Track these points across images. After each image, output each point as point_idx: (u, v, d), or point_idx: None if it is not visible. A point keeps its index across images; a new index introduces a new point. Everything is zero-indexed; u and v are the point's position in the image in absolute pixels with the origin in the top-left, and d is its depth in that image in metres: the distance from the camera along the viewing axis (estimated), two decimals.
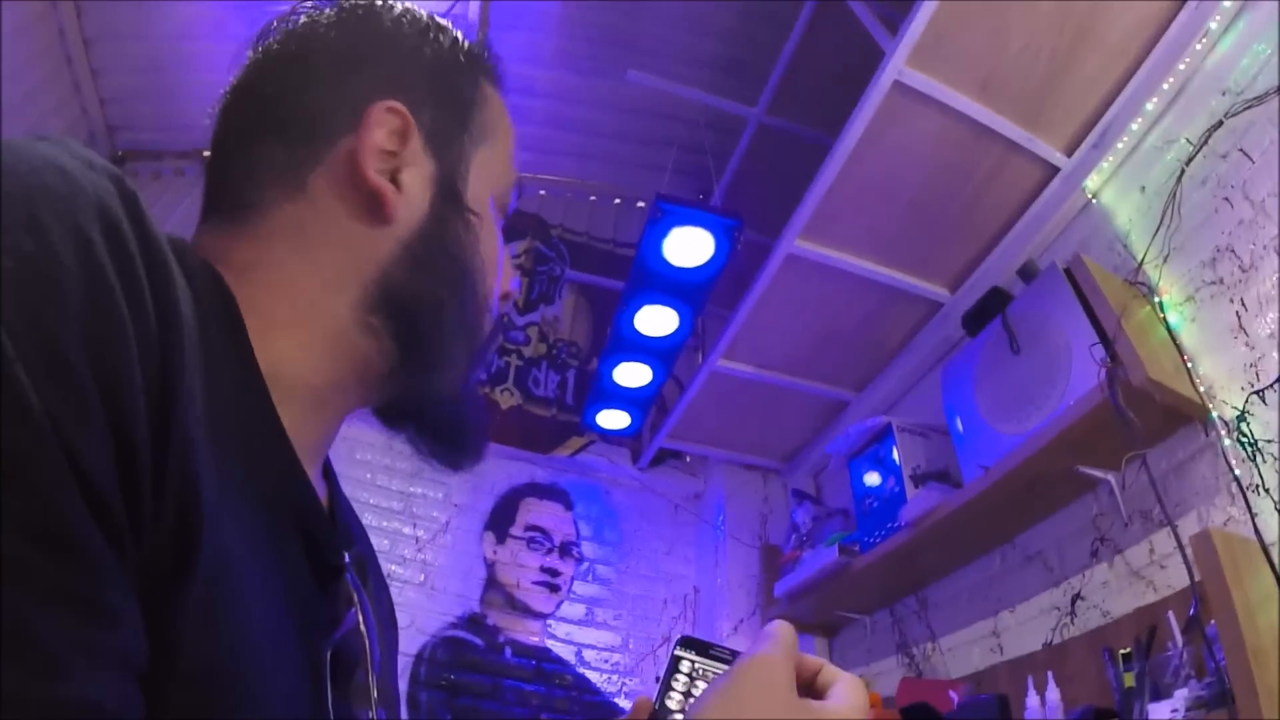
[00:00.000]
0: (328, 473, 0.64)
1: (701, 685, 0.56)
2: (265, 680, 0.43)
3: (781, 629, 0.52)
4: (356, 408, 0.62)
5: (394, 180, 0.58)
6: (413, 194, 0.59)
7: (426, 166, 0.60)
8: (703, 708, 0.48)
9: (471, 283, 0.61)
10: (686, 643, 0.59)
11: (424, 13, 0.67)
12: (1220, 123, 1.71)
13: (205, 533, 0.37)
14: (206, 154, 0.62)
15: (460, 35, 0.68)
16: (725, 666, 0.57)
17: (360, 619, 0.59)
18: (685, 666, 0.58)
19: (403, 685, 2.80)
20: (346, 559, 0.57)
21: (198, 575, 0.37)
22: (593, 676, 3.08)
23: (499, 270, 0.66)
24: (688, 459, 3.60)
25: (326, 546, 0.53)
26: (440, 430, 0.66)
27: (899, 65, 1.89)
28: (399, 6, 0.65)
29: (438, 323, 0.59)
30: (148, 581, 0.35)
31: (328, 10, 0.63)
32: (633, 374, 3.13)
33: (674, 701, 0.56)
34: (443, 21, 0.67)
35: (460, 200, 0.61)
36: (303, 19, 0.63)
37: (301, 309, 0.55)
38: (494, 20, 2.98)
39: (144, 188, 3.21)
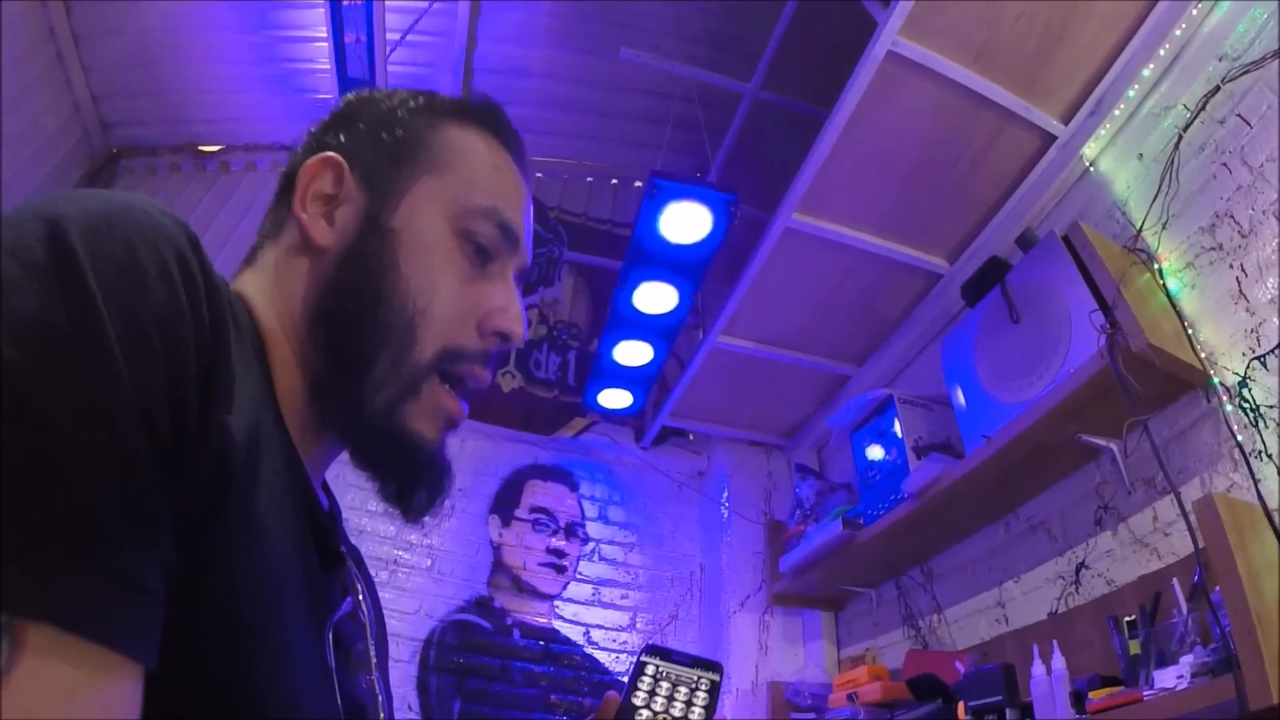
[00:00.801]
0: (328, 491, 0.73)
1: (665, 686, 0.65)
2: (283, 623, 0.51)
3: None
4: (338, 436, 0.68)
5: (330, 217, 0.67)
6: (344, 225, 0.67)
7: (360, 201, 0.68)
8: None
9: (389, 297, 0.64)
10: (653, 650, 0.68)
11: (410, 90, 0.76)
12: (1217, 88, 1.70)
13: (235, 483, 0.46)
14: None
15: (425, 93, 0.75)
16: (685, 670, 0.67)
17: (361, 602, 0.68)
18: (650, 670, 0.67)
19: (412, 670, 2.83)
20: (345, 550, 0.66)
21: (230, 516, 0.46)
22: (601, 656, 3.10)
23: (463, 294, 0.68)
24: (690, 437, 3.60)
25: (329, 536, 0.62)
26: (380, 471, 0.67)
27: (892, 35, 1.87)
28: (388, 90, 0.77)
29: (356, 335, 0.64)
30: (187, 514, 0.43)
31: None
32: (633, 352, 3.12)
33: (639, 699, 0.64)
34: (417, 91, 0.76)
35: (379, 223, 0.66)
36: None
37: (283, 335, 0.64)
38: (485, 2, 2.96)
39: (140, 183, 3.22)
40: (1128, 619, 1.62)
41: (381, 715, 0.66)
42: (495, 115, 0.76)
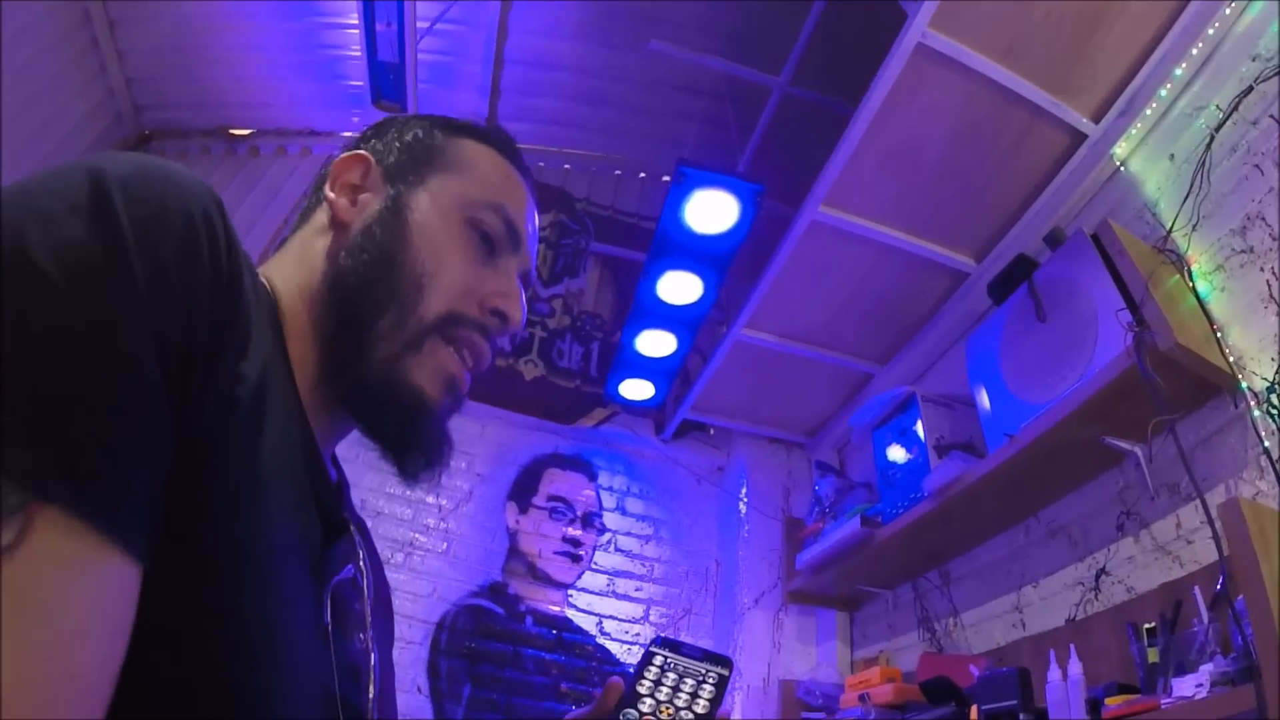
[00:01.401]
0: (336, 464, 0.76)
1: (670, 676, 0.67)
2: (277, 576, 0.53)
3: None
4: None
5: (356, 201, 0.75)
6: (366, 208, 0.74)
7: (384, 192, 0.76)
8: None
9: (400, 262, 0.70)
10: (663, 642, 0.70)
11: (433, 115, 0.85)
12: (1250, 88, 1.66)
13: (239, 430, 0.50)
14: None
15: (446, 117, 0.84)
16: (693, 663, 0.68)
17: (362, 569, 0.71)
18: (658, 660, 0.68)
19: (423, 652, 2.84)
20: (349, 519, 0.70)
21: (231, 463, 0.49)
22: (613, 648, 3.10)
23: (469, 273, 0.74)
24: (711, 431, 3.59)
25: (333, 506, 0.65)
26: (380, 426, 0.71)
27: (922, 27, 1.85)
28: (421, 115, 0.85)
29: (363, 293, 0.69)
30: (189, 453, 0.46)
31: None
32: (656, 343, 3.12)
33: (644, 688, 0.65)
34: (440, 116, 0.85)
35: (399, 206, 0.74)
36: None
37: (299, 304, 0.69)
38: None
39: None
40: (1147, 626, 1.58)
41: (373, 679, 0.68)
42: (509, 142, 0.84)
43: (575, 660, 3.02)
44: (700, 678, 0.67)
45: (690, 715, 0.64)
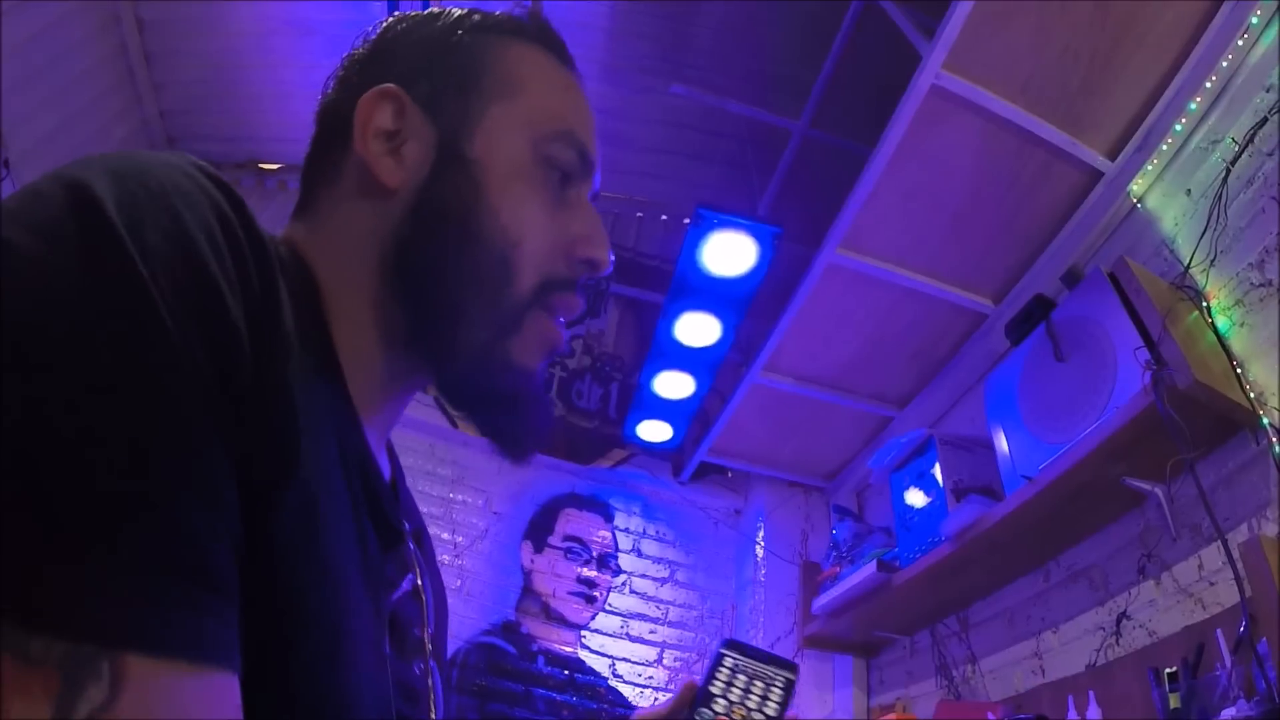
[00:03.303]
0: (391, 453, 0.69)
1: (741, 679, 0.67)
2: (344, 610, 0.47)
3: None
4: (417, 385, 0.66)
5: (398, 153, 0.62)
6: (414, 162, 0.62)
7: (429, 134, 0.62)
8: None
9: (476, 232, 0.60)
10: (731, 644, 0.71)
11: (445, 7, 0.70)
12: (1265, 120, 1.65)
13: (293, 455, 0.43)
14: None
15: (476, 10, 0.69)
16: (762, 665, 0.69)
17: (418, 582, 0.64)
18: (728, 662, 0.69)
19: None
20: (407, 526, 0.63)
21: (289, 491, 0.43)
22: (626, 690, 3.05)
23: (552, 224, 0.64)
24: (730, 474, 3.56)
25: (389, 513, 0.58)
26: (484, 410, 0.65)
27: (935, 68, 1.87)
28: (429, 10, 0.69)
29: (443, 276, 0.60)
30: (247, 491, 0.40)
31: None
32: (674, 384, 3.12)
33: (716, 688, 0.66)
34: (465, 9, 0.69)
35: (458, 155, 0.62)
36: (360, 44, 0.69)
37: (350, 289, 0.59)
38: None
39: None
40: (1169, 671, 1.54)
41: (434, 702, 0.64)
42: (552, 33, 0.71)
43: (586, 702, 2.97)
44: (769, 680, 0.68)
45: (761, 717, 0.64)
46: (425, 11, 0.69)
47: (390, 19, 0.70)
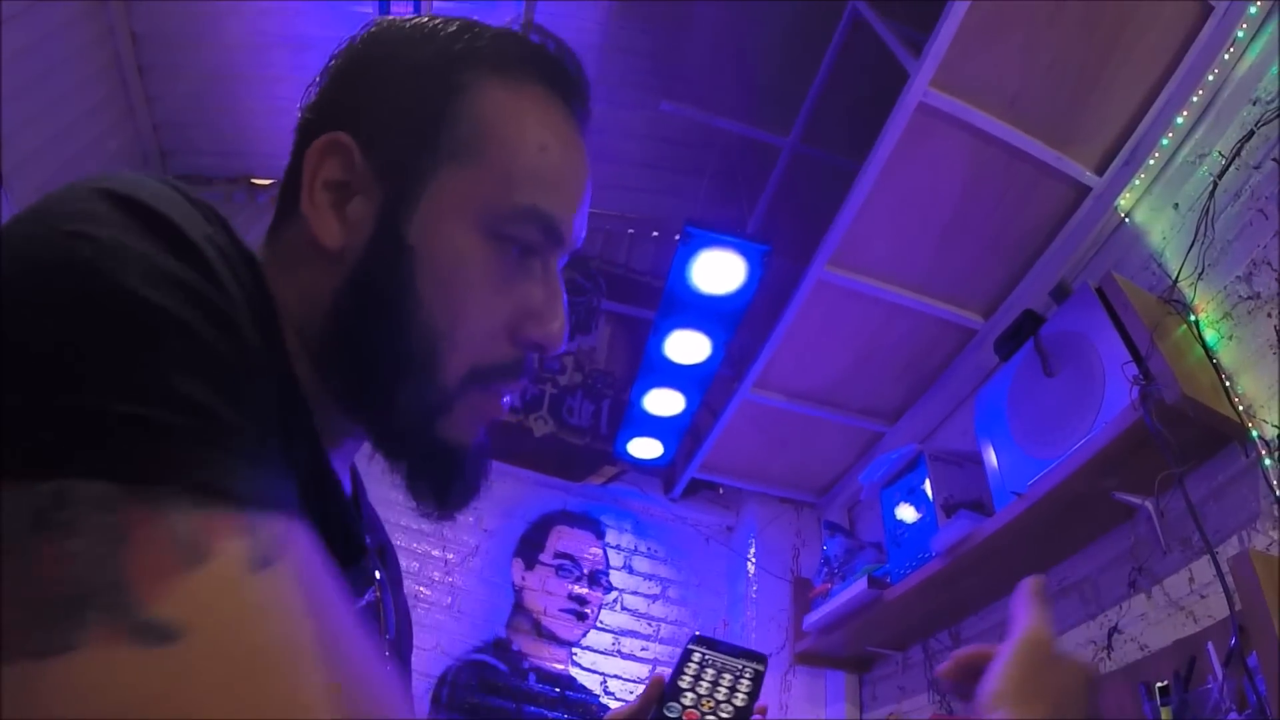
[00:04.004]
0: (353, 471, 0.69)
1: (710, 672, 0.67)
2: None
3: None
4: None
5: (342, 209, 0.58)
6: (358, 221, 0.58)
7: (375, 194, 0.58)
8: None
9: (402, 323, 0.57)
10: (700, 640, 0.72)
11: (431, 18, 0.64)
12: (1251, 133, 1.67)
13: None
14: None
15: (465, 30, 0.62)
16: (730, 659, 0.69)
17: (379, 596, 0.65)
18: (696, 657, 0.69)
19: (424, 708, 2.78)
20: (369, 541, 0.63)
21: None
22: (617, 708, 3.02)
23: (497, 304, 0.60)
24: (720, 490, 3.56)
25: (351, 528, 0.58)
26: (414, 474, 0.61)
27: (923, 86, 1.88)
28: (417, 22, 0.63)
29: (372, 357, 0.57)
30: None
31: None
32: (665, 401, 3.11)
33: (685, 682, 0.66)
34: (455, 28, 0.62)
35: (394, 235, 0.57)
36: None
37: (297, 334, 0.57)
38: None
39: None
40: (1160, 685, 1.54)
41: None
42: (552, 61, 0.64)
43: (578, 719, 2.95)
44: (738, 673, 0.68)
45: (730, 708, 0.65)
46: (410, 25, 0.63)
47: (373, 27, 0.64)
